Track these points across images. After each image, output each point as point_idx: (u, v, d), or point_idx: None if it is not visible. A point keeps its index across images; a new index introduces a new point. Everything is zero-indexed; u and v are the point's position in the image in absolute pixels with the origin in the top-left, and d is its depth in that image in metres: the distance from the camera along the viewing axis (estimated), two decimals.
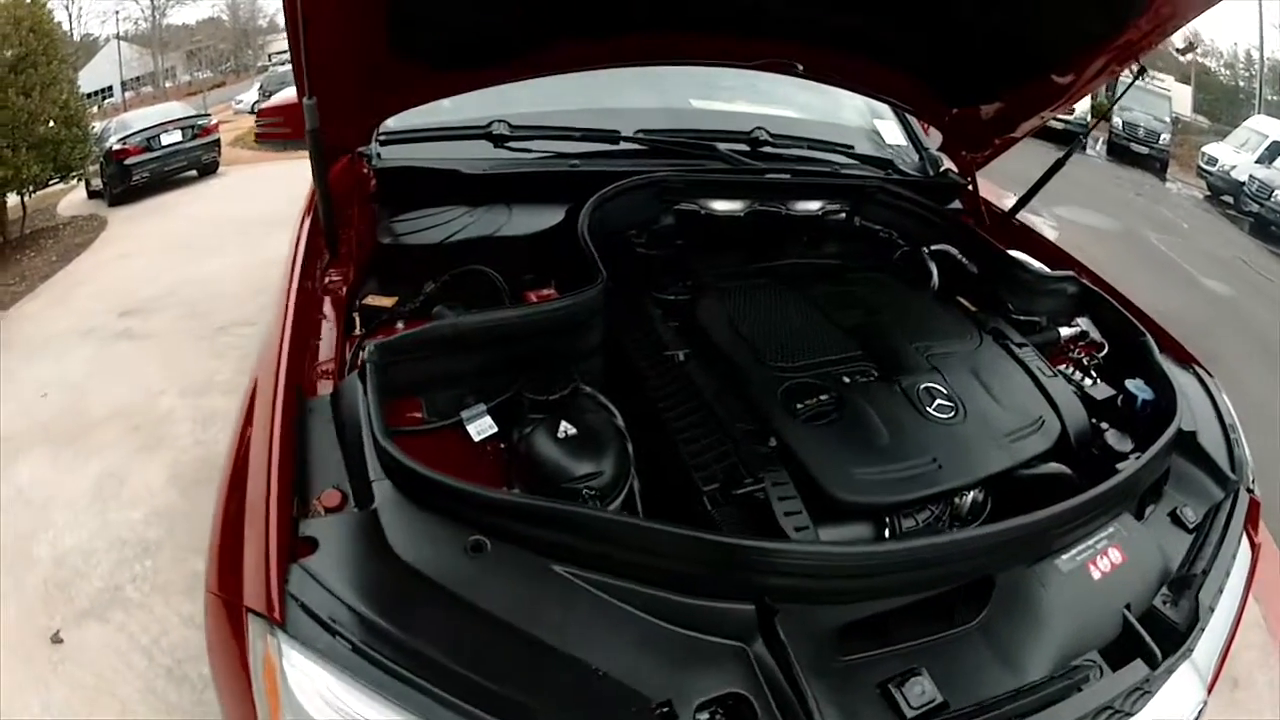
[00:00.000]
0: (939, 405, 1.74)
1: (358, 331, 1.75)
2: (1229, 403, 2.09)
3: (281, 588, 1.09)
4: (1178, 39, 2.17)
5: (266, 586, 1.10)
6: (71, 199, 13.45)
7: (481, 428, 1.53)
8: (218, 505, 1.41)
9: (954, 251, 2.36)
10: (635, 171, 2.18)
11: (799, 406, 1.66)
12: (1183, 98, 23.48)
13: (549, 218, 2.07)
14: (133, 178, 12.35)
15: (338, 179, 2.07)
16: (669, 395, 1.69)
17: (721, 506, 1.46)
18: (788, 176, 2.42)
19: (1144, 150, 17.30)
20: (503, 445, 1.57)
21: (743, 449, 1.55)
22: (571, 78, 2.23)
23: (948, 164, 2.83)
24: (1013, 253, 2.35)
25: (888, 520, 1.53)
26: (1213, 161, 15.77)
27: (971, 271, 2.33)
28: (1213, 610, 1.51)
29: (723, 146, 2.49)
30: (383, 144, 2.29)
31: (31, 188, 10.43)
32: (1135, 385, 1.98)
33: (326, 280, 1.87)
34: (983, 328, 2.07)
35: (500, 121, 2.32)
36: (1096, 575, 1.45)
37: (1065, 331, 2.22)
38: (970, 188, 2.71)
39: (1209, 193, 15.67)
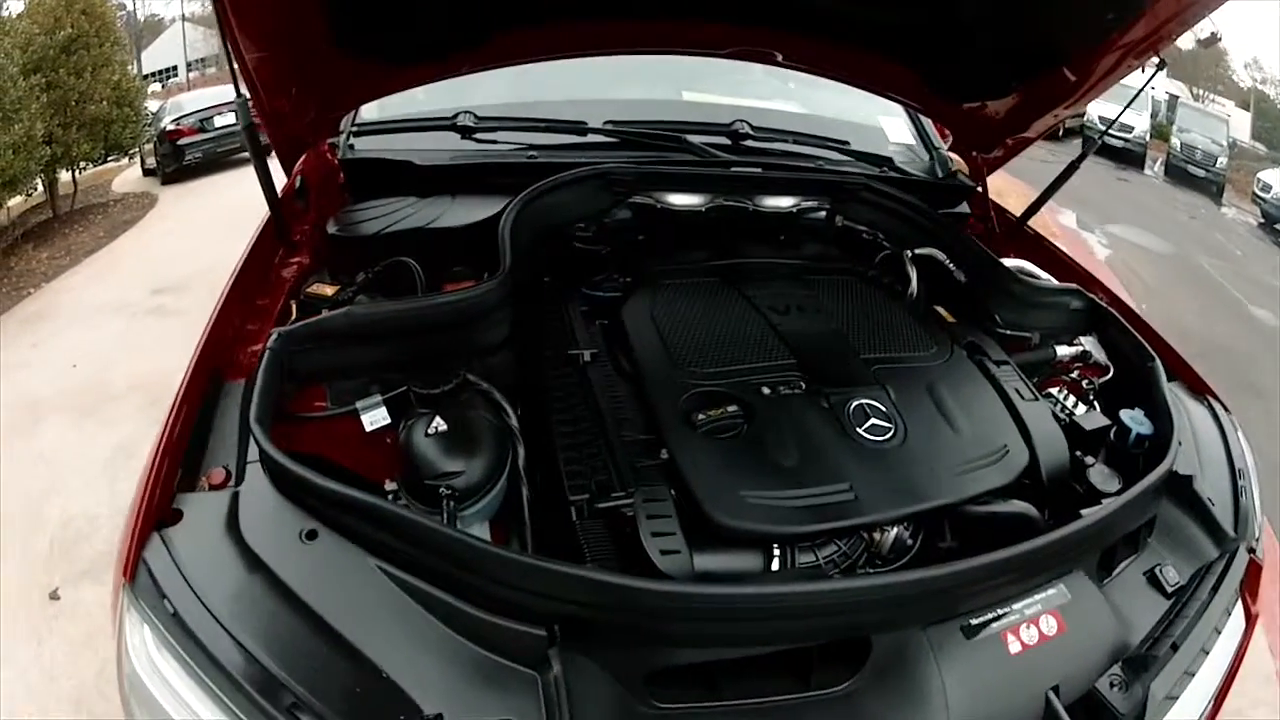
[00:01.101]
0: (872, 426, 1.56)
1: (293, 319, 1.71)
2: (1246, 444, 1.86)
3: (137, 550, 1.13)
4: (1197, 33, 2.04)
5: (127, 546, 1.14)
6: (126, 176, 13.83)
7: (375, 418, 1.50)
8: None
9: (941, 257, 2.15)
10: (596, 163, 2.10)
11: (700, 418, 1.52)
12: (1242, 123, 22.90)
13: (487, 210, 1.93)
14: (185, 158, 12.54)
15: (313, 169, 2.12)
16: (564, 397, 1.59)
17: (587, 520, 1.35)
18: (758, 170, 2.25)
19: (1201, 173, 16.81)
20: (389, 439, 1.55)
21: (621, 459, 1.43)
22: (565, 67, 2.22)
23: (960, 165, 2.69)
24: (1017, 263, 2.20)
25: (778, 552, 1.35)
26: (1267, 188, 15.17)
27: (959, 280, 2.13)
28: (1174, 699, 1.30)
29: (697, 139, 2.33)
30: (356, 134, 2.27)
31: (82, 165, 10.71)
32: (1131, 417, 1.75)
33: (283, 269, 1.90)
34: (957, 341, 1.90)
35: (467, 113, 2.25)
36: (1016, 647, 1.25)
37: (1063, 350, 2.03)
38: (980, 190, 2.57)
39: (1262, 220, 15.19)
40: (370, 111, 2.33)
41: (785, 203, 2.22)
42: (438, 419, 1.43)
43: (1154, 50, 1.94)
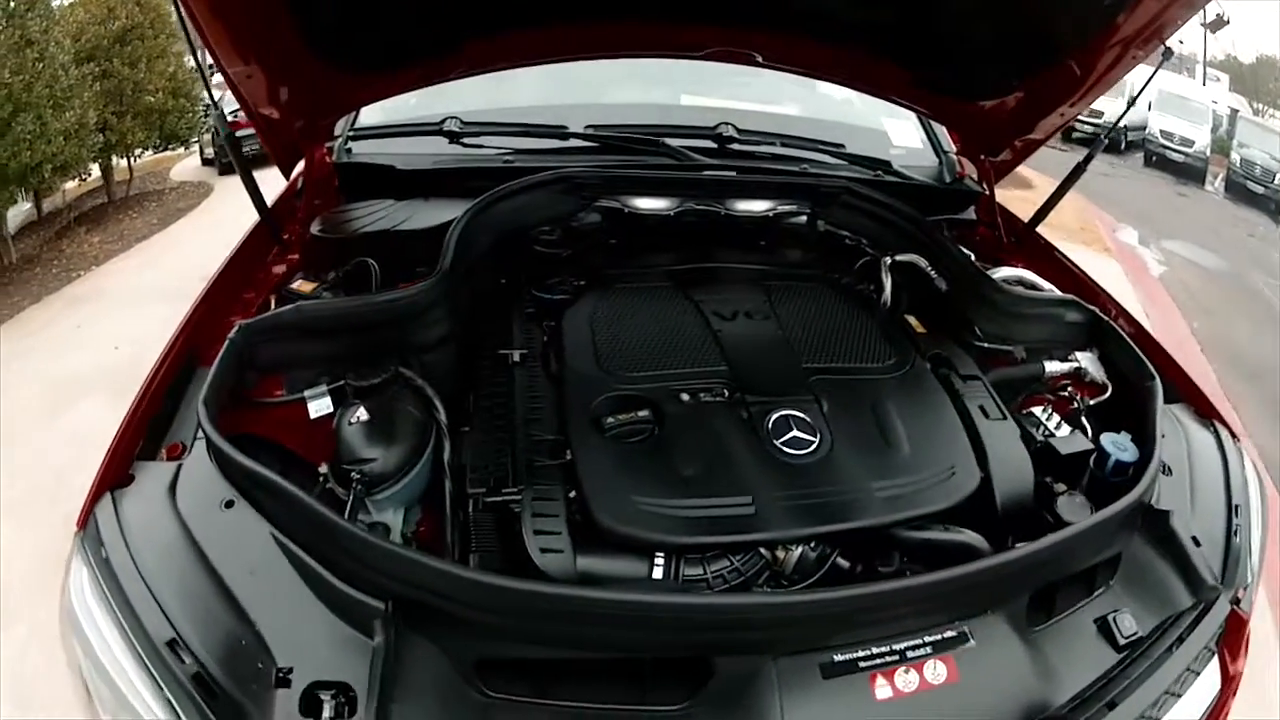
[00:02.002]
0: (792, 439, 1.50)
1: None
2: (1255, 477, 1.72)
3: (90, 505, 1.30)
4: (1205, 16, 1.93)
5: (86, 501, 1.31)
6: (185, 165, 14.23)
7: (319, 406, 1.54)
8: None
9: (922, 263, 2.03)
10: (565, 166, 2.11)
11: (609, 421, 1.51)
12: None
13: (455, 212, 1.93)
14: (243, 149, 12.79)
15: (313, 172, 2.19)
16: (489, 395, 1.61)
17: (480, 513, 1.38)
18: (731, 174, 2.21)
19: (1260, 189, 16.20)
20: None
21: (520, 457, 1.44)
22: (565, 72, 2.26)
23: (971, 170, 2.59)
24: (1017, 272, 2.08)
25: (660, 561, 1.31)
26: None
27: (940, 288, 2.02)
28: None
29: (678, 143, 2.29)
30: (354, 139, 2.34)
31: (138, 153, 11.03)
32: (1114, 441, 1.59)
33: (274, 266, 2.02)
34: (922, 353, 1.82)
35: (454, 118, 2.29)
36: (885, 693, 1.14)
37: (1053, 366, 1.89)
38: (986, 194, 2.46)
39: None
40: (370, 116, 2.40)
41: (759, 206, 2.17)
42: (361, 409, 1.48)
43: (1158, 38, 1.82)
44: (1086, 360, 1.90)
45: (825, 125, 2.63)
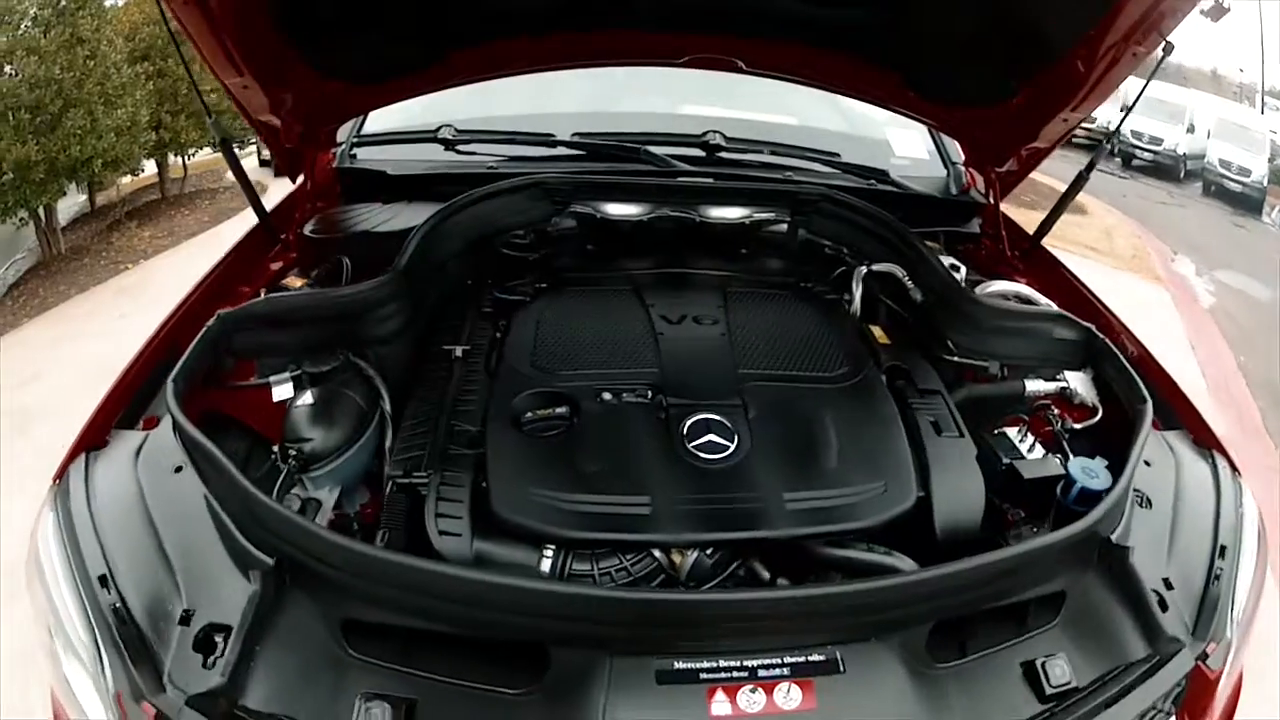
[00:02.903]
0: (707, 442, 1.48)
1: None
2: (1252, 517, 1.57)
3: (67, 462, 1.45)
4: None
5: (64, 459, 1.46)
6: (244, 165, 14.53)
7: (282, 391, 1.62)
8: None
9: (899, 273, 1.99)
10: (561, 173, 2.17)
11: (528, 415, 1.56)
12: None
13: (424, 215, 2.01)
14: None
15: (319, 175, 2.31)
16: (429, 386, 1.67)
17: (394, 493, 1.42)
18: (707, 180, 2.21)
19: None
20: None
21: (439, 445, 1.49)
22: (571, 82, 2.35)
23: (981, 183, 2.50)
24: (1013, 287, 2.05)
25: (549, 553, 1.33)
26: None
27: (915, 299, 1.96)
28: None
29: (665, 150, 2.32)
30: (358, 144, 2.48)
31: (193, 152, 11.34)
32: (1083, 467, 1.49)
33: (272, 263, 2.14)
34: (880, 364, 1.77)
35: (448, 126, 2.39)
36: (723, 710, 1.08)
37: (1035, 385, 1.79)
38: (990, 206, 2.39)
39: None
40: (378, 123, 2.53)
41: (734, 213, 2.16)
42: (308, 393, 1.59)
43: (1157, 32, 1.71)
44: (1076, 381, 1.82)
45: (823, 134, 2.62)
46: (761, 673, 1.10)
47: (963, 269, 2.05)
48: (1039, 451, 1.65)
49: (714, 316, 1.88)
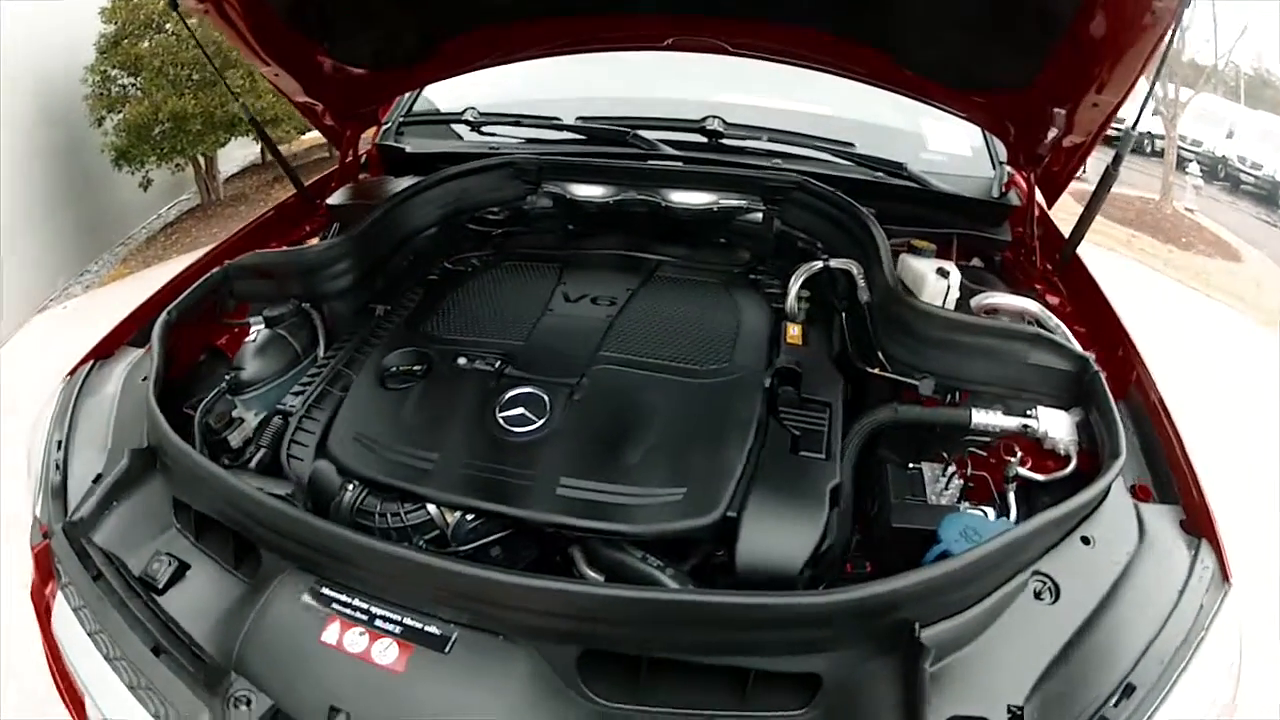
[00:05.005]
0: (516, 415, 1.50)
1: None
2: (1220, 641, 1.17)
3: (79, 364, 1.82)
4: None
5: (78, 362, 1.83)
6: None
7: (255, 329, 1.88)
8: None
9: (856, 271, 1.85)
10: (578, 155, 2.26)
11: (392, 370, 1.68)
12: None
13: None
14: None
15: (349, 151, 2.55)
16: (347, 339, 1.85)
17: (273, 418, 1.65)
18: (678, 165, 2.19)
19: None
20: None
21: (321, 385, 1.67)
22: (616, 67, 2.48)
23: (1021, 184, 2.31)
24: (1021, 303, 1.80)
25: (351, 487, 1.41)
26: None
27: (863, 300, 1.82)
28: None
29: (657, 134, 2.31)
30: (405, 124, 2.71)
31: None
32: (965, 525, 1.30)
33: (308, 224, 2.41)
34: (770, 364, 1.66)
35: (472, 109, 2.55)
36: (329, 639, 1.14)
37: (988, 418, 1.51)
38: (1021, 208, 2.20)
39: None
40: (423, 103, 2.78)
41: (699, 199, 2.11)
42: (256, 332, 1.87)
43: None
44: (1051, 421, 1.51)
45: (842, 123, 2.47)
46: (378, 623, 1.14)
47: (954, 274, 1.81)
48: (951, 498, 1.47)
49: (615, 298, 1.87)
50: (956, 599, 1.09)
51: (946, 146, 2.50)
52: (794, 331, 1.79)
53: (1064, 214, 2.17)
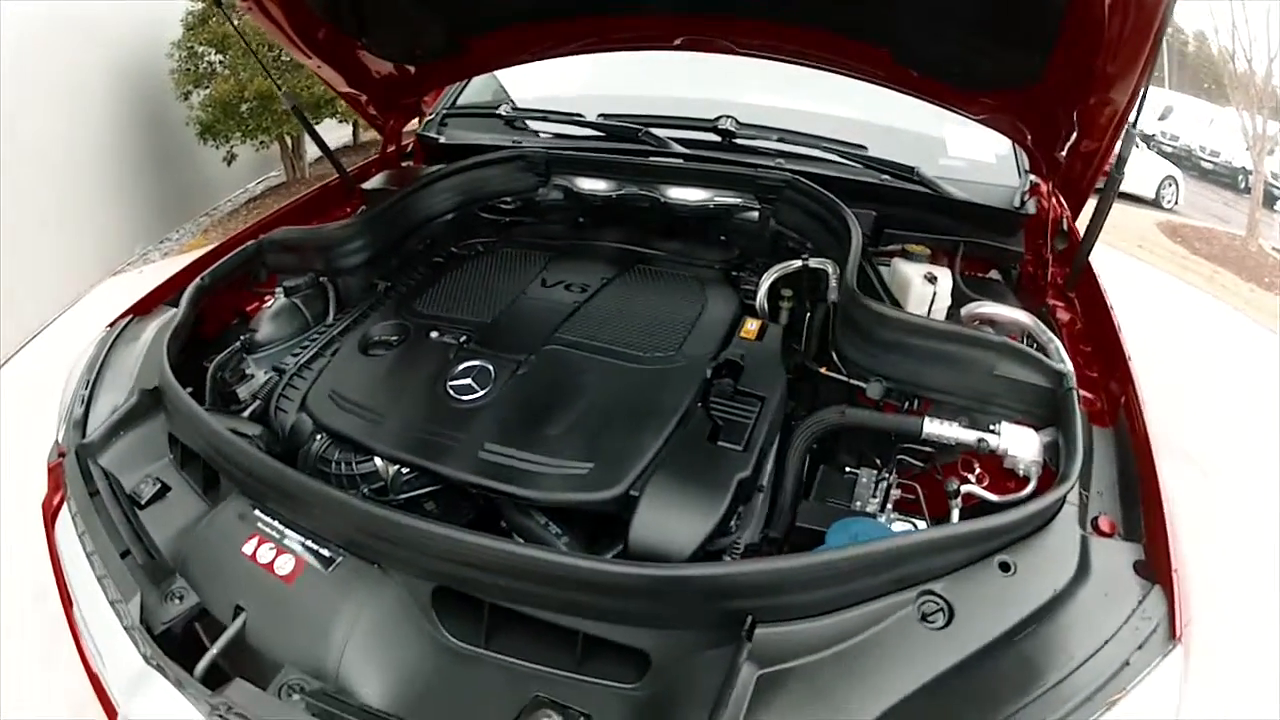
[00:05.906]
0: (464, 385, 1.63)
1: None
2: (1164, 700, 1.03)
3: (119, 318, 2.02)
4: None
5: (118, 316, 2.04)
6: None
7: (278, 298, 2.07)
8: None
9: (830, 270, 1.86)
10: (587, 150, 2.39)
11: (374, 339, 1.85)
12: None
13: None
14: None
15: (389, 139, 2.77)
16: (353, 310, 2.02)
17: (271, 375, 1.84)
18: (677, 161, 2.26)
19: None
20: None
21: (315, 350, 1.85)
22: (661, 65, 2.51)
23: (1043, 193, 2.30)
24: (1015, 314, 1.77)
25: (319, 437, 1.59)
26: None
27: (831, 300, 1.83)
28: None
29: (670, 132, 2.37)
30: (448, 115, 2.87)
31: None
32: (858, 531, 1.30)
33: (346, 206, 2.57)
34: (715, 356, 1.69)
35: (506, 104, 2.75)
36: (247, 550, 1.32)
37: (940, 429, 1.47)
38: (1035, 217, 2.18)
39: None
40: (467, 97, 2.94)
41: (696, 195, 2.20)
42: (276, 299, 2.07)
43: None
44: (1014, 439, 1.44)
45: (859, 126, 2.47)
46: (286, 541, 1.32)
47: (944, 280, 1.83)
48: (877, 506, 1.44)
49: (590, 286, 1.96)
50: (806, 602, 1.06)
51: (968, 152, 2.48)
52: (750, 326, 1.82)
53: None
